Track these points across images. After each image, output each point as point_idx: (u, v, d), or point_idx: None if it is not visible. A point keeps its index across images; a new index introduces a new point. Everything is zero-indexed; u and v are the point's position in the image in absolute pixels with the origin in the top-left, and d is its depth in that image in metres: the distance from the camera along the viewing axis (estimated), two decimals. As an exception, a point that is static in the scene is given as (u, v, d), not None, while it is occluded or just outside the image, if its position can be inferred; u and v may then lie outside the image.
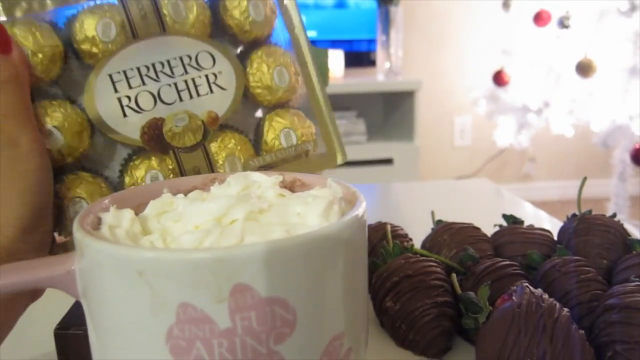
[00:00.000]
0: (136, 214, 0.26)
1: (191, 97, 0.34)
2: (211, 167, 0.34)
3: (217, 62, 0.35)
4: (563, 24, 1.87)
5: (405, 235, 0.47)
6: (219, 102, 0.35)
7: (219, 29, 0.36)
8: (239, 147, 0.35)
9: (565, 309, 0.33)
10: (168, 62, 0.34)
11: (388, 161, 2.04)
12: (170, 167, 0.34)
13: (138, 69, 0.34)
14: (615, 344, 0.32)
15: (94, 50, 0.33)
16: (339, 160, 0.38)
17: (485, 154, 2.63)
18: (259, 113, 0.37)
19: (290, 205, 0.25)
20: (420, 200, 0.83)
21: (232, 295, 0.19)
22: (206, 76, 0.35)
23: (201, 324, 0.20)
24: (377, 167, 2.02)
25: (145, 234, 0.24)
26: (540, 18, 1.95)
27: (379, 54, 2.17)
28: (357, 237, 0.23)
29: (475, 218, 0.49)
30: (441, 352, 0.37)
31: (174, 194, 0.28)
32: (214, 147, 0.34)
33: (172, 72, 0.34)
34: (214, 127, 0.35)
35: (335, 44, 2.19)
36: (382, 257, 0.41)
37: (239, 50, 0.37)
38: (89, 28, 0.33)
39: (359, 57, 2.23)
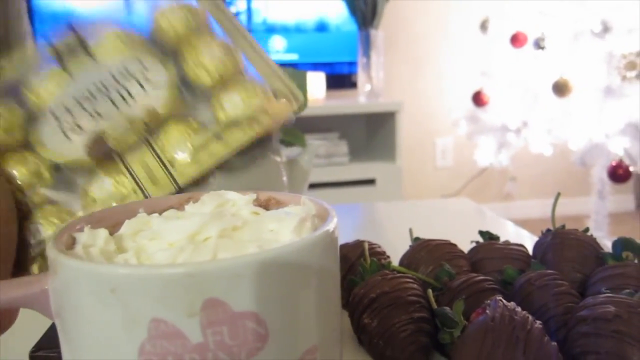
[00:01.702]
0: (112, 233, 0.26)
1: (127, 102, 0.36)
2: (162, 162, 0.36)
3: (144, 63, 0.37)
4: (539, 45, 1.91)
5: (383, 253, 0.47)
6: (155, 98, 0.37)
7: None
8: (187, 133, 0.37)
9: (538, 322, 0.34)
10: (100, 81, 0.37)
11: (371, 182, 2.06)
12: (125, 176, 0.36)
13: (75, 98, 0.36)
14: (587, 355, 0.33)
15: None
16: (295, 106, 0.41)
17: (466, 174, 2.66)
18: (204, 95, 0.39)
19: (264, 223, 0.26)
20: (401, 219, 0.84)
21: (204, 310, 0.20)
22: (136, 79, 0.37)
23: (173, 339, 0.20)
24: (359, 187, 2.03)
25: (120, 252, 0.25)
26: (516, 39, 1.99)
27: (360, 76, 2.20)
28: (328, 252, 0.23)
29: (454, 236, 0.50)
30: (419, 367, 0.37)
31: (149, 214, 0.28)
32: (161, 140, 0.36)
33: (106, 88, 0.37)
34: (157, 122, 0.36)
35: (316, 66, 2.22)
36: (360, 274, 0.42)
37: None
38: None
39: (341, 80, 2.26)
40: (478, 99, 2.11)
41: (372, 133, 2.31)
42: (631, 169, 1.76)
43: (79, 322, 0.21)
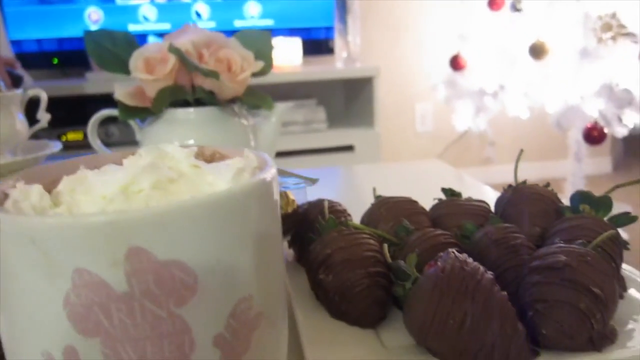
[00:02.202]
0: (50, 190, 0.26)
1: None
2: None
3: None
4: (516, 7, 1.90)
5: (344, 211, 0.47)
6: None
7: None
8: None
9: (490, 272, 0.34)
10: None
11: (349, 148, 2.05)
12: None
13: None
14: (536, 303, 0.33)
15: None
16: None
17: (446, 139, 2.66)
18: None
19: (202, 175, 0.25)
20: (373, 182, 0.83)
21: (128, 259, 0.19)
22: None
23: (97, 288, 0.19)
24: (338, 154, 2.02)
25: (55, 207, 0.24)
26: (494, 2, 1.98)
27: (337, 42, 2.17)
28: (263, 201, 0.23)
29: (423, 196, 0.50)
30: (375, 321, 0.37)
31: (91, 170, 0.27)
32: None
33: None
34: None
35: (293, 32, 2.18)
36: (318, 232, 0.41)
37: None
38: None
39: (317, 45, 2.23)
40: (456, 63, 2.10)
41: (350, 99, 2.29)
42: (605, 130, 1.77)
43: (6, 276, 0.21)
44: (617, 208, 0.41)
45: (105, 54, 0.68)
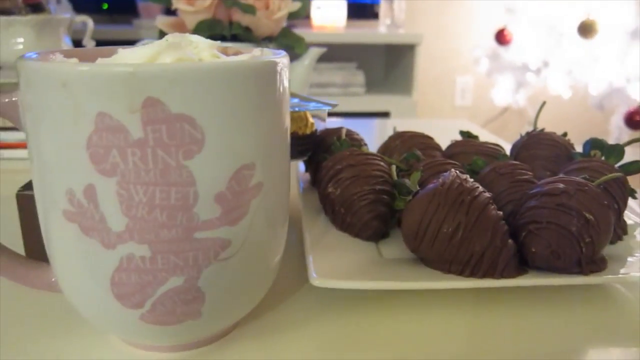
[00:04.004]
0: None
1: None
2: None
3: None
4: (568, -18, 1.85)
5: (361, 140, 0.49)
6: None
7: None
8: None
9: (488, 193, 0.35)
10: None
11: (385, 114, 2.05)
12: None
13: None
14: (529, 224, 0.35)
15: None
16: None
17: (483, 116, 2.63)
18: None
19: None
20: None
21: (144, 108, 0.22)
22: None
23: (117, 132, 0.22)
24: (373, 119, 2.03)
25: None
26: (546, -24, 1.93)
27: (382, 7, 2.16)
28: (268, 79, 0.25)
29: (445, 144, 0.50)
30: (376, 235, 0.39)
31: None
32: None
33: None
34: None
35: (338, -6, 2.18)
36: (332, 153, 0.43)
37: None
38: None
39: (362, 9, 2.22)
40: (501, 37, 2.06)
41: (390, 66, 2.28)
42: (649, 115, 1.73)
43: (37, 121, 0.24)
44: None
45: (149, -16, 0.70)
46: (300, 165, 0.54)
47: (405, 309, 0.34)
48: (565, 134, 0.50)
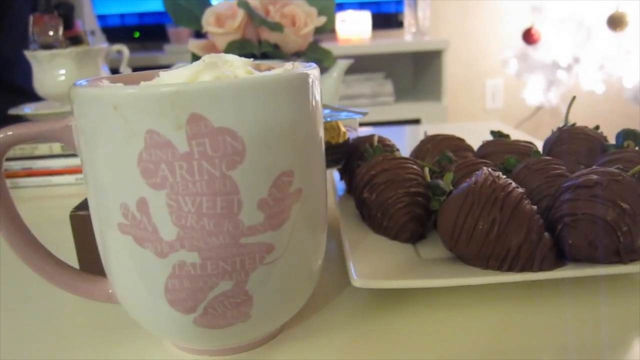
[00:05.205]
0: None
1: None
2: None
3: None
4: (594, -24, 1.83)
5: (392, 145, 0.50)
6: None
7: None
8: None
9: (521, 189, 0.36)
10: None
11: (416, 122, 2.05)
12: None
13: None
14: (565, 217, 0.35)
15: None
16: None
17: (516, 117, 2.61)
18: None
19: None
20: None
21: (189, 124, 0.23)
22: None
23: (164, 148, 0.24)
24: (404, 127, 2.03)
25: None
26: (571, -28, 1.91)
27: (407, 15, 2.17)
28: (302, 90, 0.27)
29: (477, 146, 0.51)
30: (413, 237, 0.40)
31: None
32: None
33: None
34: None
35: (362, 5, 2.20)
36: (365, 159, 0.45)
37: None
38: None
39: (387, 19, 2.23)
40: (529, 37, 2.05)
41: (419, 73, 2.29)
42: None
43: (92, 141, 0.26)
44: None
45: (180, 10, 0.73)
46: (336, 175, 0.55)
47: (446, 307, 0.35)
48: (597, 127, 0.50)
